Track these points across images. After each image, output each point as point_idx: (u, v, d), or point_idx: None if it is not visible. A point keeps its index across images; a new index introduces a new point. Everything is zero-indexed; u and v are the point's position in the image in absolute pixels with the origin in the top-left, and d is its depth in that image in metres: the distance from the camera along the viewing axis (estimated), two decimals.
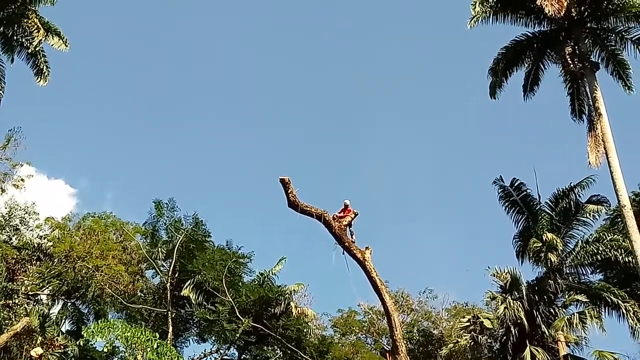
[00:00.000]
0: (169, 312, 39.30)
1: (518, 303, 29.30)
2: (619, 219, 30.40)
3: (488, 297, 32.28)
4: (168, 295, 39.64)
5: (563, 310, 29.71)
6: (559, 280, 29.91)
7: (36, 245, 37.94)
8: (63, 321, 37.99)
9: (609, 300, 29.19)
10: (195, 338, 42.94)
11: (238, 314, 36.59)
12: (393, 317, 18.91)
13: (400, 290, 47.61)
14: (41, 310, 34.81)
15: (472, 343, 30.22)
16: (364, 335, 48.55)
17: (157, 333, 26.80)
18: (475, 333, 30.37)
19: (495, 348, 31.12)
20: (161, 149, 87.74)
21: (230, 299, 36.95)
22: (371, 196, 75.92)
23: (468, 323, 31.28)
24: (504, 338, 30.09)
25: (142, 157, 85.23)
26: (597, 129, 27.17)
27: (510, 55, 30.20)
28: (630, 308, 28.65)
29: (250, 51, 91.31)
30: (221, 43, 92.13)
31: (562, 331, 28.69)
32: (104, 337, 23.70)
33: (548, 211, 31.60)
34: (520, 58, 30.37)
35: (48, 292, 38.03)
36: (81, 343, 33.53)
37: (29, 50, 32.51)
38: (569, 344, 29.49)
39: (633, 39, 28.17)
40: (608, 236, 30.65)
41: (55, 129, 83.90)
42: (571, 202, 31.25)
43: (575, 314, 28.52)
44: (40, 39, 31.99)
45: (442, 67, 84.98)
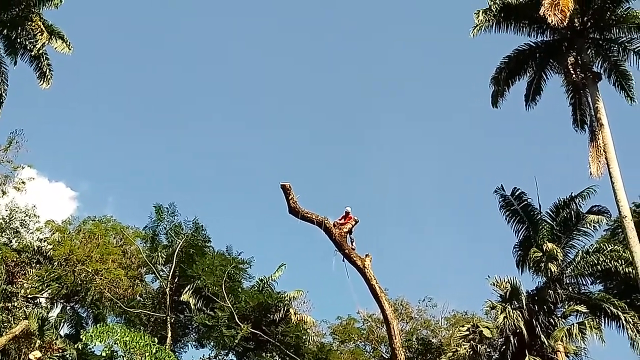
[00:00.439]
0: (168, 317, 39.27)
1: (518, 313, 29.24)
2: (620, 230, 30.40)
3: (488, 307, 32.21)
4: (167, 300, 39.62)
5: (563, 320, 29.64)
6: (559, 290, 29.86)
7: (36, 248, 38.00)
8: (62, 325, 37.99)
9: (609, 311, 29.13)
10: (194, 343, 42.96)
11: (237, 320, 36.58)
12: (392, 325, 18.94)
13: (399, 298, 47.64)
14: (40, 313, 34.83)
15: (471, 352, 30.10)
16: (363, 343, 48.47)
17: (156, 338, 26.72)
18: (474, 342, 30.27)
19: (494, 358, 31.02)
20: (163, 153, 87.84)
21: (229, 305, 36.95)
22: (374, 199, 76.55)
23: (467, 332, 31.18)
24: (503, 348, 30.03)
25: (144, 161, 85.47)
26: (599, 140, 27.22)
27: (512, 64, 30.27)
28: (630, 319, 28.60)
29: (255, 52, 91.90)
30: (225, 44, 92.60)
31: (562, 341, 28.61)
32: (103, 341, 23.61)
33: (549, 221, 31.57)
34: (522, 67, 30.44)
35: (47, 296, 38.09)
36: (80, 347, 33.46)
37: (32, 53, 32.60)
38: (569, 355, 29.41)
39: (635, 50, 28.24)
40: (608, 247, 30.61)
41: (57, 132, 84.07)
42: (572, 212, 31.21)
43: (574, 325, 28.45)
44: (43, 42, 32.11)
45: (447, 69, 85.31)
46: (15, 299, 35.20)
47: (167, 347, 32.28)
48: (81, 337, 26.48)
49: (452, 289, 73.30)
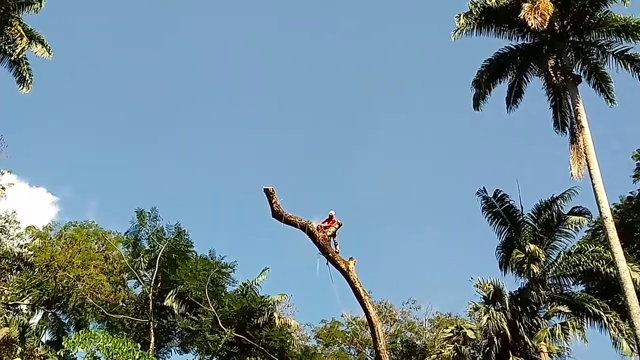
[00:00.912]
0: (151, 323, 39.14)
1: (501, 314, 29.44)
2: (601, 231, 30.77)
3: (471, 308, 32.45)
4: (150, 305, 39.49)
5: (545, 321, 29.87)
6: (542, 291, 30.11)
7: (17, 254, 37.73)
8: (43, 331, 37.76)
9: (591, 311, 29.44)
10: (177, 349, 42.83)
11: (221, 325, 36.53)
12: (376, 328, 18.98)
13: (383, 300, 47.74)
14: (21, 320, 34.60)
15: (455, 354, 30.25)
16: (347, 346, 48.50)
17: (139, 344, 26.62)
18: (458, 344, 30.44)
19: (478, 359, 31.19)
20: (145, 157, 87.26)
21: (213, 309, 36.90)
22: (356, 202, 76.50)
23: (451, 334, 31.35)
24: (487, 349, 30.20)
25: (126, 165, 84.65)
26: (580, 141, 27.47)
27: (493, 67, 30.49)
28: (612, 319, 28.92)
29: (255, 53, 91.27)
30: (225, 44, 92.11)
31: (545, 342, 28.85)
32: (85, 348, 23.53)
33: (531, 222, 31.83)
34: (503, 70, 30.66)
35: (28, 302, 37.77)
36: (61, 354, 33.27)
37: (12, 57, 32.42)
38: (552, 355, 29.66)
39: (614, 53, 28.54)
40: (590, 247, 30.94)
41: (37, 136, 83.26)
42: (553, 214, 31.49)
43: (557, 325, 28.69)
44: (23, 47, 31.96)
45: (447, 69, 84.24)
46: None
47: (150, 353, 32.14)
48: (63, 344, 26.29)
49: (436, 291, 73.58)
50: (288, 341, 39.49)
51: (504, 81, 30.85)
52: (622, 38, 28.18)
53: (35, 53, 32.89)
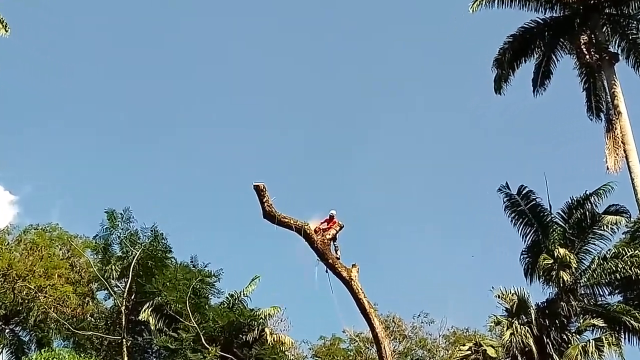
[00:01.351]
0: (124, 340, 39.09)
1: (526, 328, 29.37)
2: None
3: (492, 322, 32.36)
4: (123, 320, 39.38)
5: (577, 336, 29.83)
6: (573, 302, 30.04)
7: None
8: (0, 350, 37.62)
9: (629, 324, 29.34)
10: None
11: (204, 342, 36.50)
12: (383, 345, 18.92)
13: (391, 314, 47.70)
14: None
15: None
16: None
17: None
18: None
19: None
20: (116, 153, 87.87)
21: (195, 325, 36.88)
22: (363, 203, 78.05)
23: (469, 351, 31.31)
24: None
25: (95, 162, 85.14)
26: (616, 129, 27.44)
27: (517, 44, 30.40)
28: None
29: (255, 53, 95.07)
30: (226, 45, 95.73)
31: None
32: None
33: (560, 223, 31.72)
34: (529, 48, 30.59)
35: None
36: None
37: None
38: None
39: None
40: (628, 251, 30.74)
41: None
42: (586, 213, 31.36)
43: (590, 341, 28.63)
44: None
45: (448, 69, 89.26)
46: None
47: None
48: None
49: (451, 303, 73.73)
50: None
51: (530, 60, 30.77)
52: None
53: None
